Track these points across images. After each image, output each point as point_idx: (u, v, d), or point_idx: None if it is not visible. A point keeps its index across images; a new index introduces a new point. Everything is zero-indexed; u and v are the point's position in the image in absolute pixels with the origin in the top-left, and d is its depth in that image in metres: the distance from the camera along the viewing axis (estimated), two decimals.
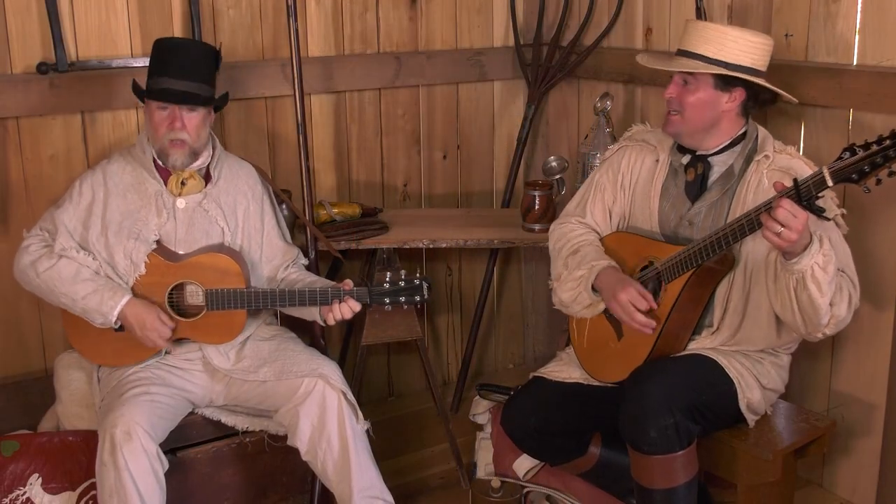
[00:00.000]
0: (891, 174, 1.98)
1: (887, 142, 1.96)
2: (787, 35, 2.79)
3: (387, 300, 2.52)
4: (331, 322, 2.55)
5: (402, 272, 2.55)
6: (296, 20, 2.81)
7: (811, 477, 2.94)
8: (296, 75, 2.84)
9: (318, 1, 3.27)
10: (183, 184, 2.58)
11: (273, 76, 3.17)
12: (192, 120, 2.53)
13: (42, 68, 2.80)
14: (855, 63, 2.62)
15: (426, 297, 2.52)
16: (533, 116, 3.56)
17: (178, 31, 3.02)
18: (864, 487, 2.78)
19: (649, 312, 2.41)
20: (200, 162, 2.61)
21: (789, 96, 2.46)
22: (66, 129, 2.93)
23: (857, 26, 2.60)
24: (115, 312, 2.46)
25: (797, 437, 2.48)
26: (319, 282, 2.68)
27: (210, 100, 2.57)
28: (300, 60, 2.84)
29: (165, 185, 2.59)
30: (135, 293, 2.52)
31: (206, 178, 2.64)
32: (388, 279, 2.52)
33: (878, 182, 2.00)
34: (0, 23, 2.79)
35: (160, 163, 2.58)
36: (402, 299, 2.52)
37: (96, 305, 2.46)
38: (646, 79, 3.21)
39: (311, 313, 2.64)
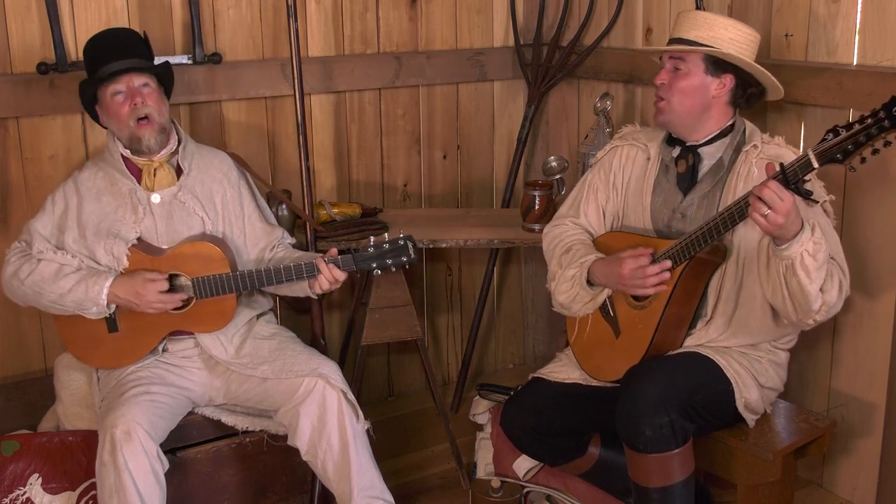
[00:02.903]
0: (874, 152, 2.01)
1: (869, 120, 1.99)
2: (787, 35, 2.79)
3: (374, 265, 2.50)
4: (318, 291, 2.54)
5: (385, 234, 2.52)
6: (296, 20, 2.81)
7: (811, 477, 2.94)
8: (296, 75, 2.84)
9: (318, 1, 3.27)
10: (154, 174, 2.58)
11: (273, 76, 3.17)
12: (151, 95, 2.54)
13: (42, 68, 2.81)
14: (855, 63, 2.63)
15: (412, 255, 2.50)
16: (533, 116, 3.56)
17: (178, 31, 3.02)
18: (864, 487, 2.78)
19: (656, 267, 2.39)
20: (170, 147, 2.61)
21: (775, 81, 2.47)
22: (66, 129, 2.93)
23: (857, 26, 2.61)
24: (104, 294, 2.45)
25: (797, 437, 2.48)
26: (306, 256, 2.67)
27: (161, 72, 2.60)
28: (300, 60, 2.84)
29: (139, 182, 2.59)
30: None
31: (178, 171, 2.64)
32: (371, 243, 2.51)
33: (863, 160, 2.03)
34: (0, 23, 2.79)
35: (132, 159, 2.58)
36: (390, 262, 2.50)
37: (83, 294, 2.45)
38: (646, 79, 3.21)
39: (302, 289, 2.63)
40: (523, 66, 3.61)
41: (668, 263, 2.38)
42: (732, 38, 2.41)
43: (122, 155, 2.59)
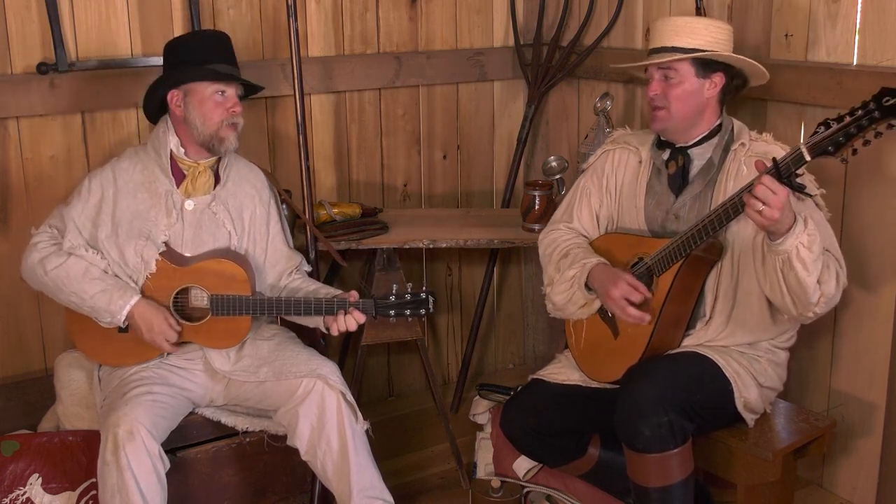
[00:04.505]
0: (866, 143, 2.03)
1: (859, 112, 2.01)
2: (787, 35, 2.80)
3: (392, 313, 2.52)
4: (334, 333, 2.55)
5: (409, 285, 2.55)
6: (296, 20, 2.82)
7: (811, 477, 2.94)
8: (296, 75, 2.84)
9: (318, 1, 3.27)
10: (196, 178, 2.59)
11: (273, 76, 3.17)
12: (240, 107, 2.59)
13: (42, 68, 2.80)
14: (855, 63, 2.63)
15: (431, 310, 2.53)
16: (533, 116, 3.56)
17: (178, 31, 3.02)
18: (864, 487, 2.78)
19: (644, 305, 2.42)
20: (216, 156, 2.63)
21: (763, 69, 2.48)
22: (66, 129, 2.93)
23: (857, 26, 2.61)
24: (124, 312, 2.46)
25: (797, 437, 2.48)
26: (323, 289, 2.68)
27: (255, 89, 2.66)
28: (300, 60, 2.84)
29: (178, 186, 2.59)
30: (142, 295, 2.52)
31: (216, 179, 2.64)
32: (393, 291, 2.52)
33: (855, 152, 2.04)
34: (0, 23, 2.79)
35: (178, 160, 2.58)
36: (408, 312, 2.52)
37: (105, 304, 2.46)
38: (646, 79, 3.21)
39: (313, 321, 2.64)
40: (523, 66, 3.61)
41: (647, 317, 2.40)
42: (715, 37, 2.44)
43: (171, 153, 2.58)
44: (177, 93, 2.54)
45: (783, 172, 2.10)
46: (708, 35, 2.43)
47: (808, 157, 2.07)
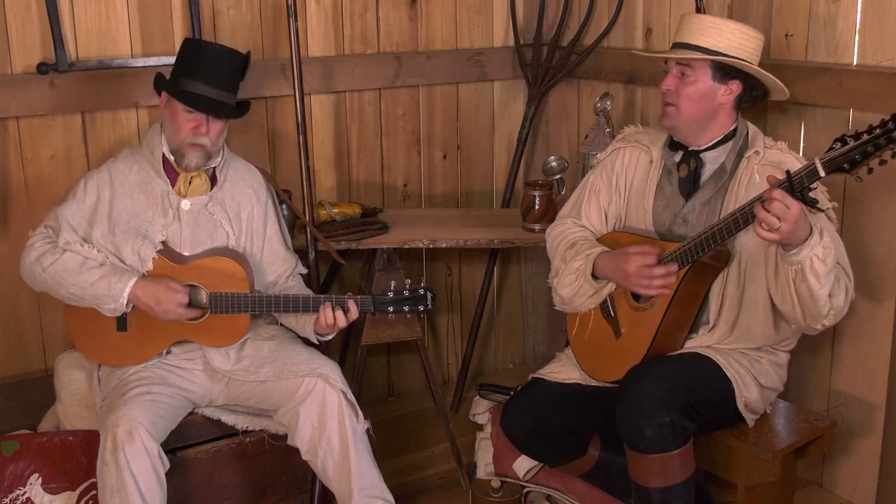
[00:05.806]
0: (882, 163, 1.99)
1: (877, 131, 1.98)
2: (787, 35, 2.80)
3: (390, 309, 2.52)
4: (323, 326, 2.53)
5: (407, 281, 2.54)
6: (296, 20, 2.82)
7: (811, 477, 2.94)
8: (296, 75, 2.84)
9: (318, 1, 3.27)
10: (189, 182, 2.59)
11: (273, 76, 3.17)
12: (216, 127, 2.55)
13: (42, 68, 2.81)
14: (855, 63, 2.63)
15: (430, 306, 2.52)
16: (533, 116, 3.56)
17: (178, 31, 3.02)
18: (864, 487, 2.78)
19: (661, 265, 2.38)
20: (209, 164, 2.62)
21: (783, 86, 2.45)
22: (66, 129, 2.93)
23: (857, 26, 2.61)
24: (126, 293, 2.45)
25: (797, 437, 2.48)
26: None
27: (234, 112, 2.57)
28: (300, 60, 2.84)
29: (172, 185, 2.58)
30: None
31: (213, 180, 2.64)
32: (392, 287, 2.52)
33: (870, 171, 2.01)
34: (0, 23, 2.79)
35: (171, 162, 2.58)
36: (406, 308, 2.52)
37: (105, 290, 2.45)
38: (646, 79, 3.21)
39: (305, 328, 2.64)
40: (523, 66, 3.61)
41: (675, 267, 2.36)
42: (741, 43, 2.39)
43: (163, 154, 2.58)
44: (164, 95, 2.56)
45: (796, 186, 2.07)
46: (734, 40, 2.37)
47: (822, 173, 2.04)
